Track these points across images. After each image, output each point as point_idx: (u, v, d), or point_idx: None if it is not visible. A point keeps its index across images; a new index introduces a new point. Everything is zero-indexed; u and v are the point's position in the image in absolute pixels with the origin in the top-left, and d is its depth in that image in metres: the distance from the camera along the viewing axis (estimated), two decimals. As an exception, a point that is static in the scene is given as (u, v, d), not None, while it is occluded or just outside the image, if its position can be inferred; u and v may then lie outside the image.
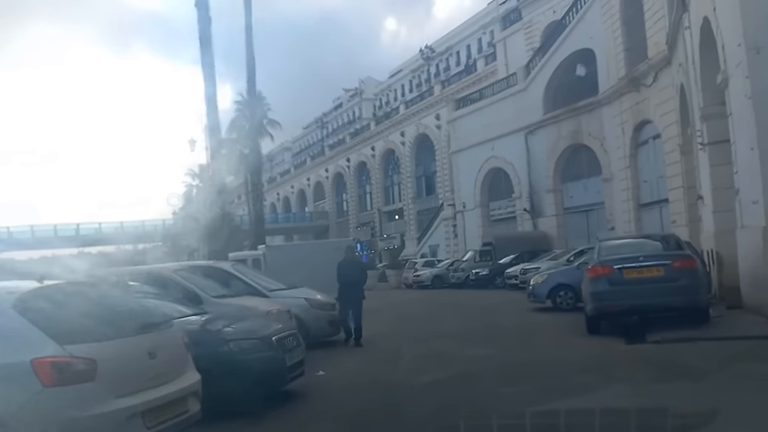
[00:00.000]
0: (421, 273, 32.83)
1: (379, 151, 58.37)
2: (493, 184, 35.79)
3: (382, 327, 14.64)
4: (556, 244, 29.97)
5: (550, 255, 25.43)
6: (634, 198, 25.99)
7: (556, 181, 30.88)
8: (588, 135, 28.49)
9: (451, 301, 22.03)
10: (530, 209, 32.09)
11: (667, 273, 10.39)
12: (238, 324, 7.54)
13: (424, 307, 20.24)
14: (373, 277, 35.58)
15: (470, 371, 8.55)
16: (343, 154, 64.42)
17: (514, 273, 25.24)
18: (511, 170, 33.50)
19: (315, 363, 8.81)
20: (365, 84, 75.44)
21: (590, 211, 29.69)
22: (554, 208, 30.90)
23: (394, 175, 58.07)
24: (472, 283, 28.28)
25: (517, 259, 27.42)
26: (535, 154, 31.65)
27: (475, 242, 35.03)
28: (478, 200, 36.22)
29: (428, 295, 27.45)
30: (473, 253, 31.06)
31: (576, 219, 30.51)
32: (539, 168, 31.49)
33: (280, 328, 7.65)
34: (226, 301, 9.80)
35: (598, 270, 10.78)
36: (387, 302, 23.90)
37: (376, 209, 59.35)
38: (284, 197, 78.86)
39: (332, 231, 68.48)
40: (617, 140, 26.59)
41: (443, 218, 44.74)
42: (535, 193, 31.94)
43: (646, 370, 7.75)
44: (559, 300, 15.72)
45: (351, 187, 64.12)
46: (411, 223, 53.72)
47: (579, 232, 30.32)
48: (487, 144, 34.45)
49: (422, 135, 51.93)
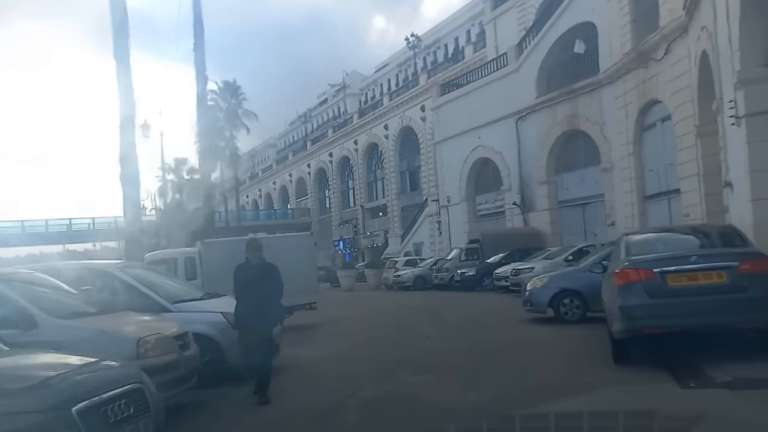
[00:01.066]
0: (401, 273, 29.44)
1: (362, 145, 55.36)
2: (480, 176, 32.43)
3: (338, 346, 11.25)
4: (549, 241, 26.71)
5: (544, 253, 22.20)
6: (638, 189, 22.70)
7: (549, 171, 27.53)
8: (586, 120, 25.18)
9: (433, 306, 18.66)
10: (520, 203, 28.77)
11: (733, 279, 7.05)
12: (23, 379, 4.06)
13: (400, 314, 16.80)
14: (351, 277, 32.24)
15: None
16: (326, 149, 61.43)
17: (504, 274, 22.00)
18: (499, 160, 30.16)
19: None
20: (351, 78, 72.20)
21: (587, 204, 26.39)
22: (547, 202, 27.58)
23: (378, 170, 55.10)
24: (457, 285, 24.94)
25: (507, 258, 24.17)
26: (526, 143, 28.32)
27: (460, 239, 31.71)
28: (464, 194, 32.85)
29: (408, 298, 24.04)
30: (458, 251, 27.71)
31: (571, 213, 27.21)
32: (531, 158, 28.17)
33: (101, 383, 4.17)
34: (75, 323, 6.32)
35: (631, 275, 7.38)
36: (359, 307, 20.49)
37: (359, 206, 56.31)
38: (266, 193, 76.02)
39: (315, 228, 65.42)
40: (619, 125, 23.29)
41: (427, 215, 41.58)
42: (526, 185, 28.63)
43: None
44: (564, 309, 12.39)
45: (333, 183, 61.16)
46: (395, 220, 50.75)
47: (574, 228, 27.04)
48: (473, 132, 31.08)
49: (406, 128, 48.85)
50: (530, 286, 13.09)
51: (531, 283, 13.17)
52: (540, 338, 10.91)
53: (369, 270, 32.85)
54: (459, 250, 27.80)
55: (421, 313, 16.55)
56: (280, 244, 14.25)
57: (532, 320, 12.91)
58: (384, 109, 51.86)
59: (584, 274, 12.28)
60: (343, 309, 19.01)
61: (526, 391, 6.69)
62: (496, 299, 19.97)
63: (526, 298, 13.09)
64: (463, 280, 24.54)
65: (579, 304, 12.32)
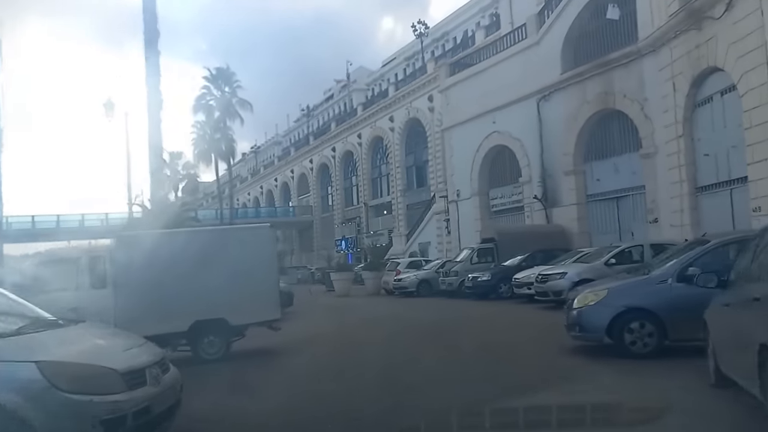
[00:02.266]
0: (404, 277, 25.18)
1: (366, 139, 51.32)
2: (495, 166, 28.15)
3: (291, 394, 7.11)
4: (576, 241, 22.50)
5: (575, 255, 18.03)
6: (689, 179, 18.43)
7: (577, 160, 23.22)
8: (623, 97, 20.86)
9: (438, 321, 14.45)
10: (542, 197, 24.50)
11: None
12: None
13: (395, 335, 12.55)
14: (346, 280, 28.07)
15: None
16: (329, 143, 57.51)
17: (526, 279, 17.89)
18: (517, 148, 25.87)
19: None
20: (357, 74, 68.47)
21: (623, 198, 22.09)
22: (574, 195, 23.27)
23: (383, 166, 51.06)
24: (468, 292, 20.74)
25: (528, 260, 20.00)
26: (549, 127, 24.05)
27: (471, 239, 27.50)
28: (476, 187, 28.58)
29: (410, 307, 19.81)
30: (469, 252, 23.44)
31: (603, 209, 22.92)
32: (555, 144, 23.90)
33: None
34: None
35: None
36: (345, 321, 16.26)
37: (362, 203, 52.27)
38: (267, 191, 72.26)
39: (317, 227, 62.07)
40: (665, 101, 19.03)
41: (435, 212, 37.37)
42: (548, 176, 24.35)
43: None
44: (630, 337, 8.19)
45: (336, 179, 57.19)
46: (400, 219, 46.66)
47: (606, 225, 22.78)
48: (487, 116, 26.82)
49: (413, 120, 44.68)
50: (579, 303, 8.84)
51: (581, 297, 8.90)
52: (603, 387, 6.67)
53: (367, 272, 28.61)
54: (470, 250, 23.55)
55: (420, 333, 12.35)
56: (221, 240, 10.18)
57: (580, 350, 8.75)
58: (389, 100, 47.71)
59: (660, 287, 8.24)
60: (325, 323, 14.87)
61: None
62: (519, 312, 15.76)
63: (573, 319, 8.85)
64: (475, 286, 20.32)
65: (653, 330, 8.14)
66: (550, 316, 14.12)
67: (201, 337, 9.82)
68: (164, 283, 9.23)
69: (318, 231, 61.58)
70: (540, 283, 15.99)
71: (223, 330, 9.89)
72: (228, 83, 43.25)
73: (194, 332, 9.72)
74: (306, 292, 30.65)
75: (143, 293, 9.14)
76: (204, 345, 9.84)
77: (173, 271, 9.27)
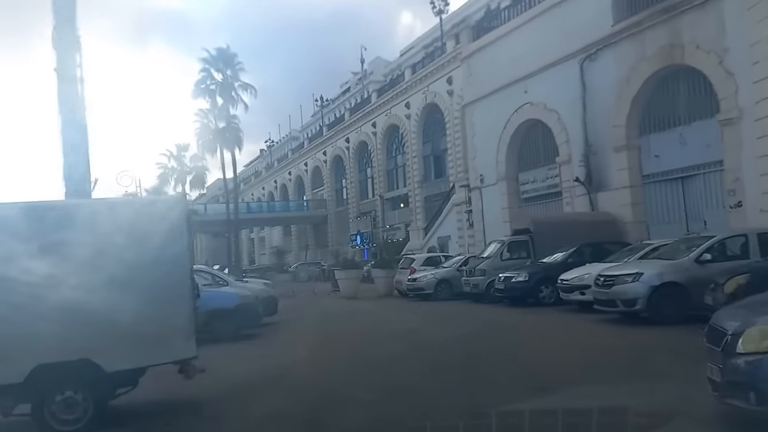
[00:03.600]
0: (419, 276, 20.60)
1: (381, 128, 46.98)
2: (525, 145, 23.36)
3: None
4: (631, 232, 17.80)
5: (642, 249, 13.42)
6: (789, 148, 13.64)
7: (630, 132, 18.39)
8: (695, 48, 15.98)
9: (469, 347, 9.87)
10: (585, 179, 19.73)
11: None
12: None
13: (395, 372, 8.02)
14: (353, 280, 23.63)
15: None
16: (342, 134, 53.35)
17: (577, 282, 13.36)
18: (554, 122, 21.09)
19: None
20: (374, 65, 64.33)
21: (691, 177, 17.25)
22: (627, 176, 18.46)
23: (399, 156, 46.64)
24: (499, 296, 16.17)
25: (574, 255, 15.37)
26: (595, 93, 19.27)
27: (498, 231, 22.84)
28: (503, 171, 23.83)
29: (425, 317, 15.25)
30: (498, 245, 18.79)
31: (664, 192, 18.09)
32: (601, 114, 19.11)
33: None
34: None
35: None
36: (337, 338, 11.60)
37: (377, 196, 48.00)
38: (281, 185, 68.39)
39: (331, 221, 57.84)
40: (754, 50, 14.23)
41: (454, 203, 32.76)
42: (593, 154, 19.57)
43: None
44: None
45: (351, 171, 53.03)
46: (417, 212, 42.23)
47: (668, 212, 17.99)
48: (517, 85, 22.04)
49: (431, 105, 40.15)
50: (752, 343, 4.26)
51: (757, 335, 4.32)
52: None
53: (378, 270, 24.04)
54: (500, 244, 18.87)
55: (447, 369, 7.80)
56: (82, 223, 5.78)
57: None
58: (406, 84, 43.19)
59: None
60: (304, 345, 10.34)
61: None
62: (580, 328, 11.15)
63: (740, 374, 4.28)
64: (509, 289, 15.70)
65: None
66: (628, 336, 9.54)
67: (49, 393, 5.47)
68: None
69: (333, 226, 57.56)
70: (602, 287, 11.36)
71: (89, 380, 5.53)
72: (230, 65, 38.93)
73: (36, 384, 5.39)
74: (309, 293, 26.39)
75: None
76: (55, 407, 5.48)
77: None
